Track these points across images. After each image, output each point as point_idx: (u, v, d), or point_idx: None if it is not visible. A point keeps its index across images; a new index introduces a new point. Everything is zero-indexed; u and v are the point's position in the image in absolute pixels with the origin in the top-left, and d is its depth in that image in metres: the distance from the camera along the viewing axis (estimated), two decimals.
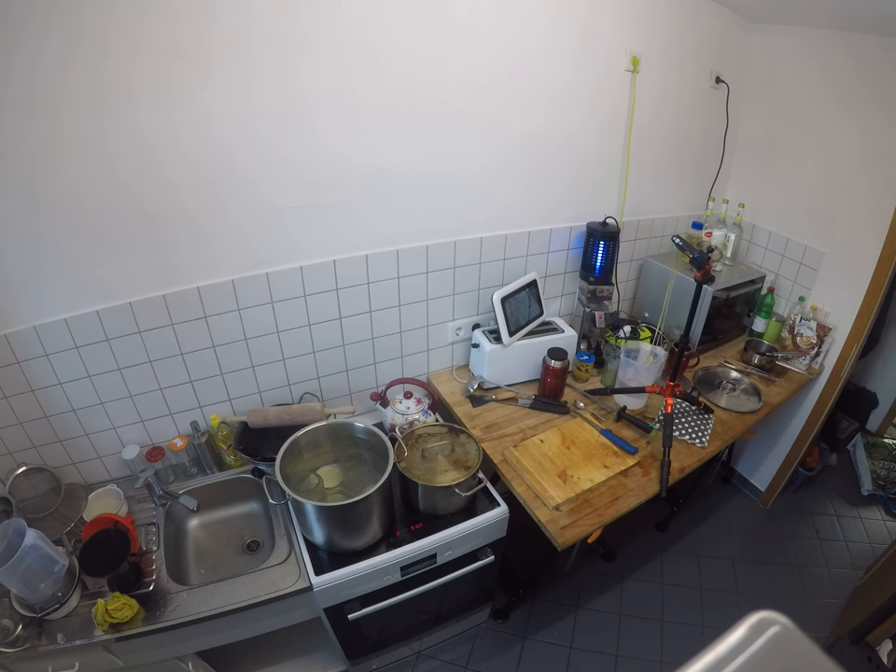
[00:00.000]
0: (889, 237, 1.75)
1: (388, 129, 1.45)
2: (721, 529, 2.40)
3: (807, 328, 2.02)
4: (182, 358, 1.51)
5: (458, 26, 1.42)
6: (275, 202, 1.41)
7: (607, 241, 1.86)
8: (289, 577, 1.35)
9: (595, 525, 1.39)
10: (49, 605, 1.20)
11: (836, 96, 1.82)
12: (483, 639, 1.94)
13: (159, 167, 1.25)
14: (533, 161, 1.73)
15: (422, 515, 1.50)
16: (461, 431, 1.58)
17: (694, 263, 1.53)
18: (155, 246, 1.34)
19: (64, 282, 1.29)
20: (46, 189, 1.17)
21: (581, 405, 1.81)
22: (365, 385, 1.87)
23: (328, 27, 1.27)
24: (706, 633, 1.97)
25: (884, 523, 2.46)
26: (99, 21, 1.07)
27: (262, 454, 1.52)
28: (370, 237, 1.58)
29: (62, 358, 1.37)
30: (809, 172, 1.98)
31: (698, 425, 1.74)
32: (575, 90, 1.68)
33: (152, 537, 1.44)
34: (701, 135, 2.07)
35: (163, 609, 1.27)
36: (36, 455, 1.47)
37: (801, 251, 2.07)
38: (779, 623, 0.33)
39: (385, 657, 1.79)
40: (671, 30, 1.76)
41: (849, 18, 1.64)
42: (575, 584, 2.12)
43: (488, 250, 1.80)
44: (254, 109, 1.28)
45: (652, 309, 2.19)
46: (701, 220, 2.15)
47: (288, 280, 1.52)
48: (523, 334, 1.82)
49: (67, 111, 1.12)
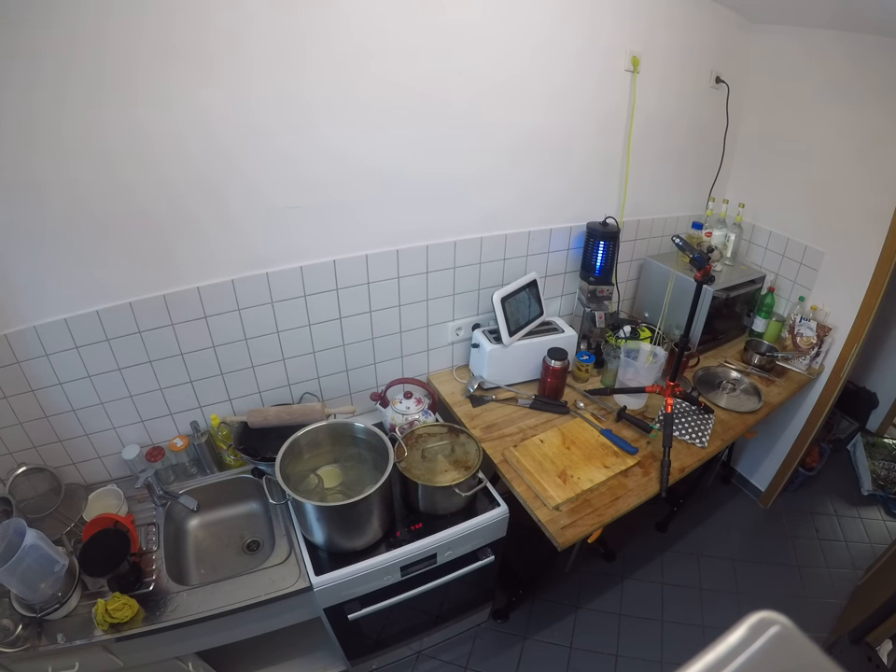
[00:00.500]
0: (889, 237, 1.75)
1: (388, 128, 1.45)
2: (721, 529, 2.40)
3: (807, 328, 2.02)
4: (182, 358, 1.51)
5: (460, 26, 1.42)
6: (275, 201, 1.41)
7: (607, 241, 1.86)
8: (289, 577, 1.35)
9: (595, 525, 1.39)
10: (49, 605, 1.20)
11: (836, 96, 1.82)
12: (483, 639, 1.93)
13: (159, 166, 1.25)
14: (533, 161, 1.73)
15: (422, 515, 1.50)
16: (461, 431, 1.58)
17: (694, 263, 1.53)
18: (155, 246, 1.34)
19: (64, 282, 1.29)
20: (46, 188, 1.17)
21: (581, 405, 1.81)
22: (365, 385, 1.87)
23: (327, 27, 1.27)
24: (706, 633, 1.97)
25: (884, 523, 2.46)
26: (98, 19, 1.07)
27: (262, 454, 1.52)
28: (369, 237, 1.58)
29: (62, 358, 1.37)
30: (809, 172, 1.98)
31: (698, 425, 1.74)
32: (575, 89, 1.68)
33: (152, 537, 1.44)
34: (701, 135, 2.07)
35: (163, 609, 1.27)
36: (36, 455, 1.47)
37: (801, 251, 2.07)
38: (779, 623, 0.33)
39: (385, 657, 1.79)
40: (671, 30, 1.76)
41: (849, 18, 1.64)
42: (575, 584, 2.12)
43: (488, 250, 1.80)
44: (254, 108, 1.28)
45: (652, 309, 2.19)
46: (701, 220, 2.15)
47: (288, 280, 1.52)
48: (523, 334, 1.82)
49: (67, 111, 1.12)
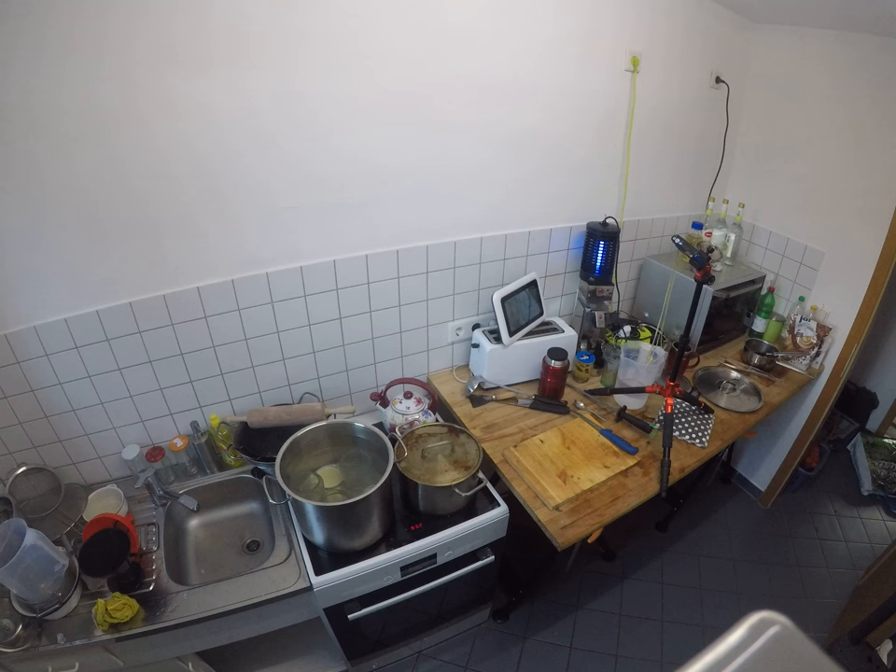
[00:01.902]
0: (888, 237, 1.75)
1: (389, 129, 1.45)
2: (721, 529, 2.40)
3: (807, 328, 2.02)
4: (182, 358, 1.51)
5: (461, 25, 1.42)
6: (275, 201, 1.41)
7: (607, 241, 1.86)
8: (289, 577, 1.35)
9: (594, 525, 1.39)
10: (49, 605, 1.20)
11: (837, 96, 1.82)
12: (483, 639, 1.93)
13: (159, 166, 1.25)
14: (532, 161, 1.73)
15: (422, 515, 1.50)
16: (461, 431, 1.58)
17: (694, 263, 1.53)
18: (155, 246, 1.34)
19: (65, 282, 1.29)
20: (46, 188, 1.17)
21: (581, 405, 1.81)
22: (365, 385, 1.87)
23: (327, 26, 1.27)
24: (706, 633, 1.97)
25: (884, 523, 2.46)
26: (98, 17, 1.07)
27: (262, 454, 1.52)
28: (369, 237, 1.58)
29: (62, 358, 1.37)
30: (809, 172, 1.98)
31: (698, 425, 1.74)
32: (575, 89, 1.68)
33: (152, 537, 1.44)
34: (701, 135, 2.07)
35: (163, 609, 1.27)
36: (36, 455, 1.47)
37: (801, 251, 2.07)
38: (779, 623, 0.33)
39: (385, 657, 1.79)
40: (671, 30, 1.76)
41: (849, 18, 1.64)
42: (575, 584, 2.12)
43: (488, 250, 1.80)
44: (257, 108, 1.28)
45: (652, 309, 2.19)
46: (701, 220, 2.15)
47: (288, 280, 1.52)
48: (523, 334, 1.82)
49: (68, 111, 1.12)
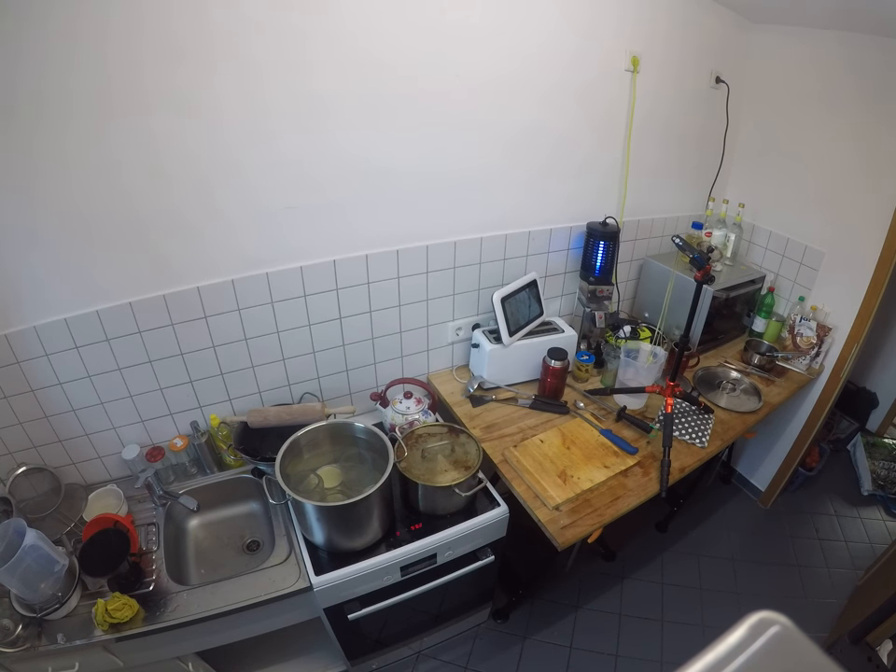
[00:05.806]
0: (888, 237, 1.75)
1: (388, 128, 1.45)
2: (721, 529, 2.40)
3: (807, 328, 2.02)
4: (182, 358, 1.51)
5: (461, 24, 1.42)
6: (275, 201, 1.41)
7: (607, 241, 1.86)
8: (289, 577, 1.35)
9: (595, 525, 1.39)
10: (49, 605, 1.20)
11: (837, 96, 1.82)
12: (483, 639, 1.93)
13: (159, 166, 1.25)
14: (532, 161, 1.73)
15: (422, 515, 1.50)
16: (461, 431, 1.58)
17: (694, 263, 1.53)
18: (155, 246, 1.34)
19: (64, 282, 1.29)
20: (46, 188, 1.17)
21: (581, 405, 1.81)
22: (365, 385, 1.87)
23: (326, 25, 1.27)
24: (706, 633, 1.97)
25: (884, 523, 2.46)
26: (98, 17, 1.06)
27: (262, 454, 1.52)
28: (369, 237, 1.58)
29: (62, 358, 1.37)
30: (809, 171, 1.98)
31: (698, 425, 1.74)
32: (575, 89, 1.68)
33: (152, 537, 1.44)
34: (701, 135, 2.07)
35: (163, 609, 1.27)
36: (36, 455, 1.47)
37: (801, 251, 2.07)
38: (779, 623, 0.33)
39: (385, 657, 1.79)
40: (671, 30, 1.76)
41: (849, 18, 1.64)
42: (575, 584, 2.12)
43: (488, 250, 1.80)
44: (256, 109, 1.28)
45: (652, 309, 2.19)
46: (701, 220, 2.15)
47: (288, 280, 1.52)
48: (523, 334, 1.82)
49: (67, 111, 1.12)
